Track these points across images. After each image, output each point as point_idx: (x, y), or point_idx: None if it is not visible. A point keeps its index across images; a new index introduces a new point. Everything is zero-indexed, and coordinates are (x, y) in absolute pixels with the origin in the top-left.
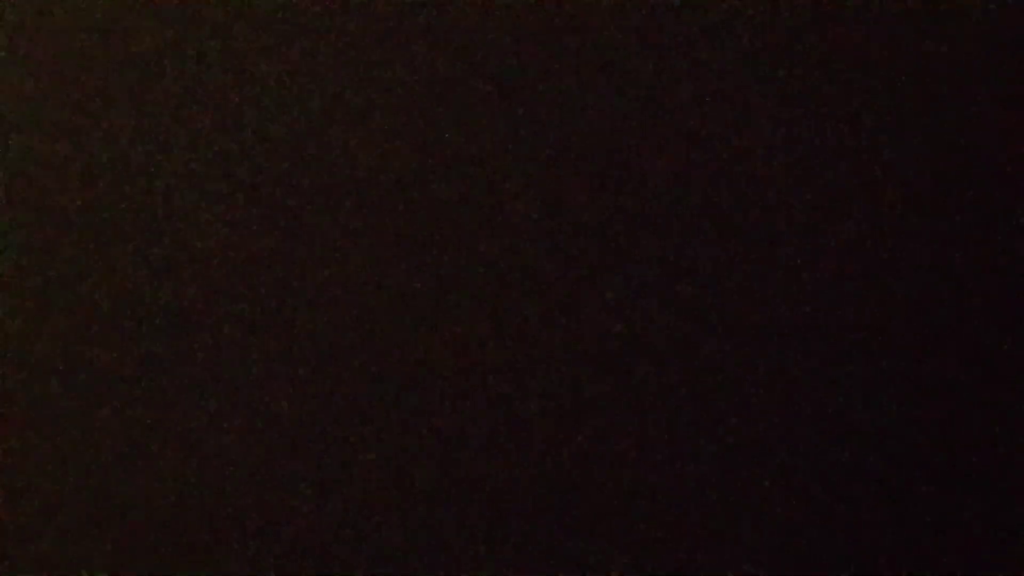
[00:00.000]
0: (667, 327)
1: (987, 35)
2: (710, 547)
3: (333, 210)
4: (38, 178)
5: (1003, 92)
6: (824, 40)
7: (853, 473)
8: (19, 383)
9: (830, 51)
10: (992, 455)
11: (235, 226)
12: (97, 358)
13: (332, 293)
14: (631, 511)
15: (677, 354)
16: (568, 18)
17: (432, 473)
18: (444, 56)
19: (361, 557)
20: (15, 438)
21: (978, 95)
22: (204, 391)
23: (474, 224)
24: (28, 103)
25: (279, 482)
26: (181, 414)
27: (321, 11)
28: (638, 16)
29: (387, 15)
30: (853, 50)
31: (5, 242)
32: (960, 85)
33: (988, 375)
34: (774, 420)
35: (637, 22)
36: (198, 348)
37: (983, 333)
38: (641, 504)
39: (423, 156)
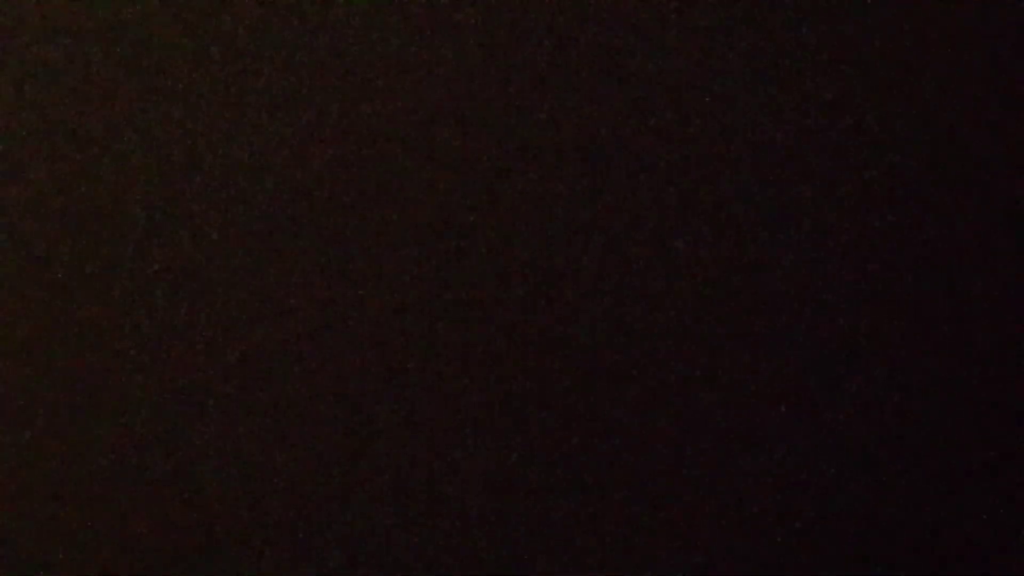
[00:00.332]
0: (666, 327)
1: (987, 35)
2: (709, 548)
3: (333, 209)
4: (36, 179)
5: (1003, 92)
6: (824, 40)
7: (852, 475)
8: (18, 383)
9: (830, 50)
10: (992, 455)
11: (234, 226)
12: (94, 358)
13: (331, 293)
14: (630, 512)
15: (677, 354)
16: (568, 17)
17: (431, 474)
18: (444, 55)
19: (360, 558)
20: (13, 438)
21: (978, 95)
22: (202, 391)
23: (473, 223)
24: (27, 104)
25: (278, 483)
26: (180, 414)
27: (320, 11)
28: (638, 15)
29: (387, 15)
30: (853, 50)
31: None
32: (960, 85)
33: (988, 375)
34: (774, 421)
35: (637, 21)
36: (197, 348)
37: (983, 333)
38: (640, 505)
39: (423, 156)
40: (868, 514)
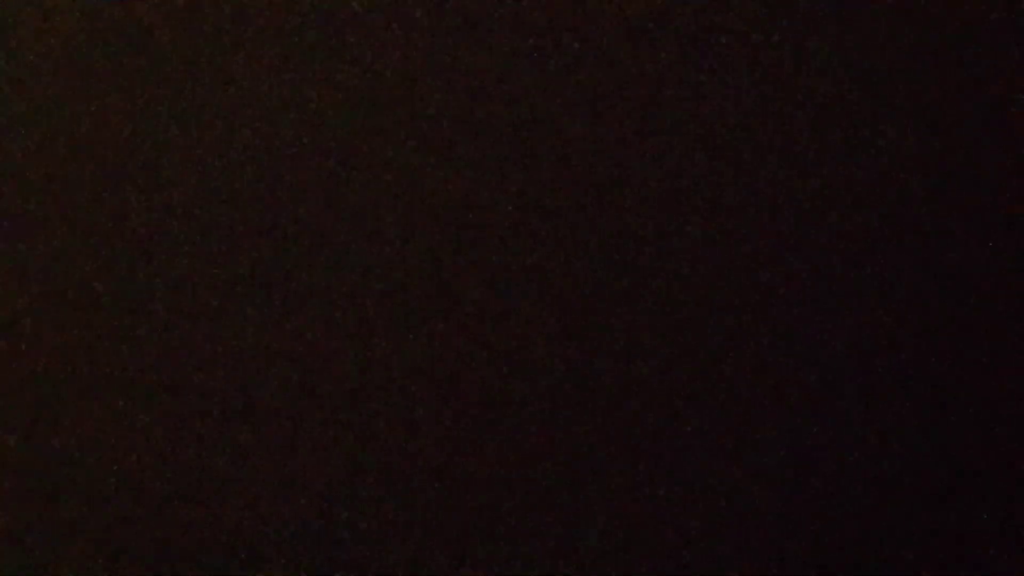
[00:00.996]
0: (665, 327)
1: (987, 35)
2: (708, 548)
3: (332, 209)
4: (36, 179)
5: (1003, 92)
6: (824, 40)
7: (851, 476)
8: (17, 382)
9: (829, 50)
10: (992, 456)
11: (233, 226)
12: (93, 358)
13: (330, 292)
14: (628, 512)
15: (676, 355)
16: (568, 17)
17: (428, 475)
18: (444, 55)
19: (358, 558)
20: (12, 437)
21: (978, 95)
22: (200, 391)
23: (471, 223)
24: (26, 105)
25: (276, 483)
26: (177, 414)
27: (320, 12)
28: (638, 15)
29: (388, 15)
30: (853, 50)
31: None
32: (960, 85)
33: (988, 375)
34: (774, 422)
35: (637, 21)
36: (195, 347)
37: (983, 333)
38: (639, 505)
39: (423, 156)
40: (869, 516)
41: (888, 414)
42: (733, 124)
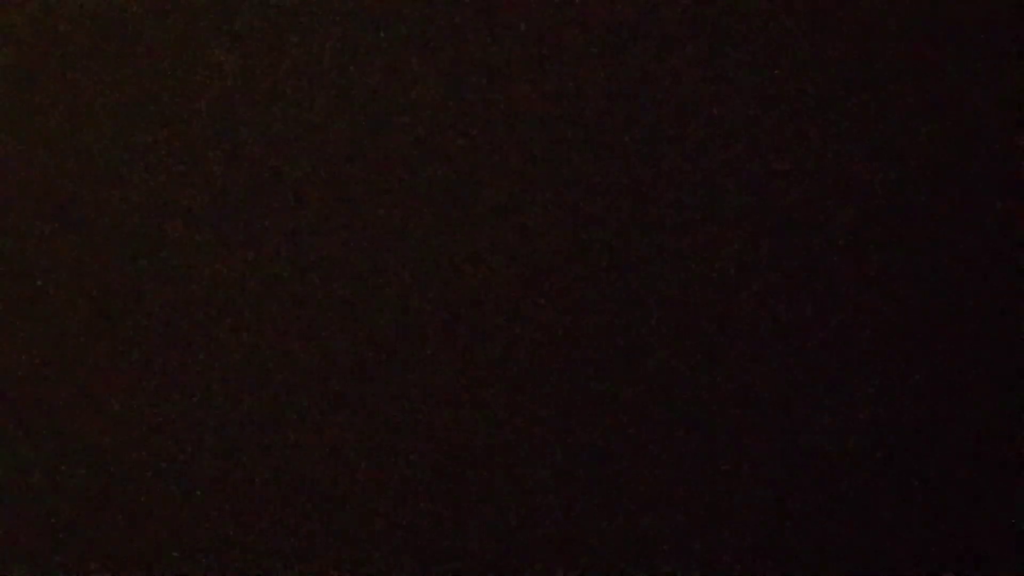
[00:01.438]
0: (666, 327)
1: (987, 35)
2: (707, 547)
3: (332, 205)
4: (31, 177)
5: (1003, 92)
6: (824, 37)
7: (850, 474)
8: (9, 381)
9: (830, 48)
10: (992, 456)
11: (232, 224)
12: (88, 357)
13: (330, 291)
14: (629, 511)
15: (676, 354)
16: (571, 14)
17: (429, 474)
18: (446, 52)
19: (358, 557)
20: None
21: (978, 94)
22: (198, 389)
23: (473, 221)
24: (23, 102)
25: (276, 481)
26: (176, 414)
27: (320, 8)
28: (639, 13)
29: (388, 13)
30: (853, 48)
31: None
32: (960, 84)
33: (988, 376)
34: (773, 421)
35: (638, 18)
36: (193, 346)
37: (982, 333)
38: (640, 504)
39: (424, 155)
40: (868, 516)
41: (888, 414)
42: (732, 124)
